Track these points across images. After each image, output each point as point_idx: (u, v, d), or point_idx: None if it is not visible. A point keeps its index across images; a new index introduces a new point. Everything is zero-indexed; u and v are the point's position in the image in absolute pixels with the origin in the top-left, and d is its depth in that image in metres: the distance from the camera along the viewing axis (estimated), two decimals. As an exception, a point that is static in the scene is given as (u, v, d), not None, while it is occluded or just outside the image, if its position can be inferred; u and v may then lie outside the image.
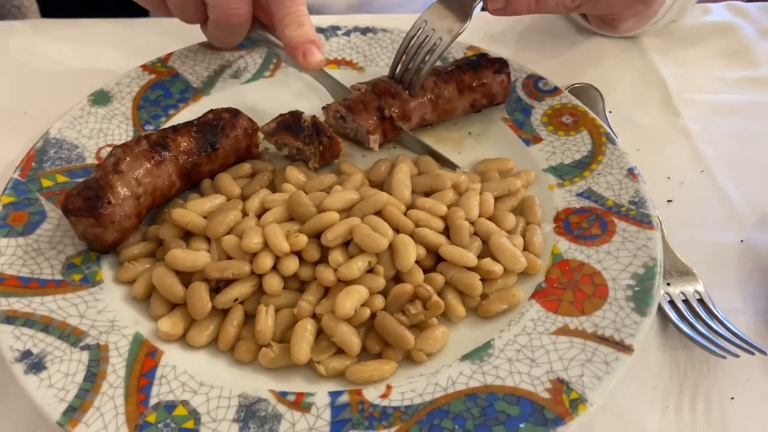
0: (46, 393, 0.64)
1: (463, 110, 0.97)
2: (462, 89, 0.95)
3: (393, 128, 0.90)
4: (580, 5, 0.91)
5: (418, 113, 0.94)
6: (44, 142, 0.89)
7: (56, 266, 0.76)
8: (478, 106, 0.97)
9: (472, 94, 0.95)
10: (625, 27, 1.03)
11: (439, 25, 0.91)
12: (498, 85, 0.96)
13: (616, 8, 0.97)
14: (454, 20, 0.90)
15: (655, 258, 0.77)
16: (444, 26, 0.91)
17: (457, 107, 0.96)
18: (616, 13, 0.99)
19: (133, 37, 1.17)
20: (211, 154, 0.85)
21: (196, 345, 0.71)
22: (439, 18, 0.91)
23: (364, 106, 0.90)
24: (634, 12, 0.98)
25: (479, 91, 0.96)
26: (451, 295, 0.75)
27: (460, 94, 0.95)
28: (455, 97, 0.95)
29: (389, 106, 0.92)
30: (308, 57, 0.87)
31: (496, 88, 0.96)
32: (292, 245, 0.74)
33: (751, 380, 0.74)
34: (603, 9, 0.97)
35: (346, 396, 0.67)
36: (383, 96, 0.92)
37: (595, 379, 0.67)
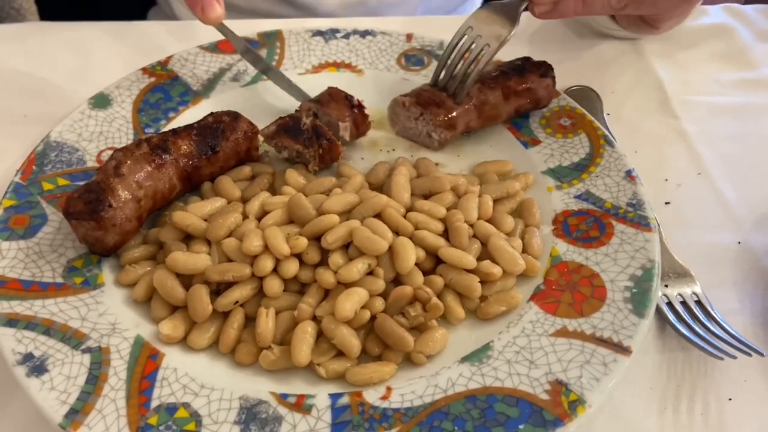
0: (48, 396, 0.64)
1: (507, 116, 0.96)
2: (508, 95, 0.93)
3: (363, 117, 0.90)
4: (627, 5, 0.91)
5: (463, 120, 0.93)
6: (45, 146, 0.89)
7: (57, 269, 0.76)
8: (522, 111, 0.97)
9: (518, 99, 0.94)
10: (666, 26, 1.03)
11: (486, 31, 0.90)
12: (544, 89, 0.96)
13: (662, 8, 0.97)
14: (501, 26, 0.90)
15: (653, 260, 0.78)
16: (491, 32, 0.90)
17: (502, 113, 0.95)
18: (661, 13, 0.99)
19: (131, 40, 1.17)
20: (211, 157, 0.86)
21: (197, 347, 0.72)
22: (485, 24, 0.90)
23: (332, 98, 0.90)
24: (680, 11, 0.98)
25: (525, 96, 0.95)
26: (451, 297, 0.76)
27: (505, 99, 0.93)
28: (501, 103, 0.93)
29: (435, 115, 0.91)
30: (207, 11, 0.86)
31: (541, 92, 0.96)
32: (293, 248, 0.75)
33: (748, 381, 0.75)
34: (648, 9, 0.97)
35: (346, 398, 0.67)
36: (428, 106, 0.91)
37: (593, 381, 0.67)
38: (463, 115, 0.92)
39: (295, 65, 1.06)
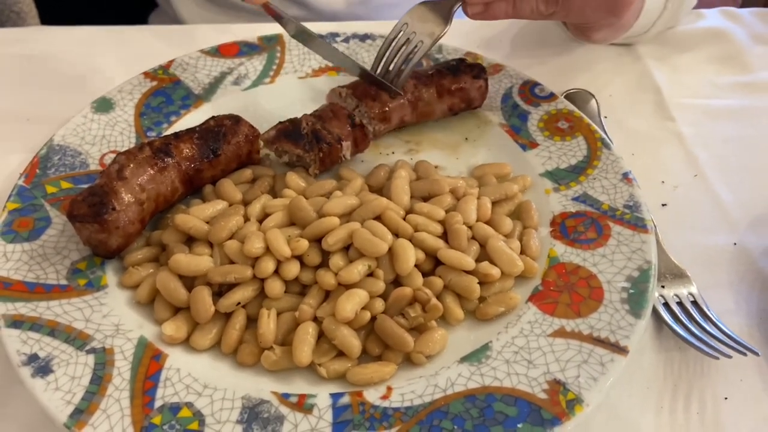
0: (53, 396, 0.65)
1: (441, 113, 0.99)
2: (441, 93, 0.97)
3: (364, 135, 0.92)
4: (554, 13, 0.93)
5: (397, 115, 0.96)
6: (48, 149, 0.90)
7: (61, 271, 0.77)
8: (455, 110, 1.00)
9: (451, 98, 0.98)
10: (598, 37, 1.05)
11: (420, 28, 0.92)
12: (476, 90, 0.99)
13: (589, 18, 0.99)
14: (434, 24, 0.92)
15: (649, 261, 0.79)
16: (425, 29, 0.92)
17: (436, 110, 0.98)
18: (589, 23, 1.02)
19: (133, 44, 1.18)
20: (213, 160, 0.87)
21: (199, 348, 0.73)
22: (420, 21, 0.92)
23: (335, 114, 0.91)
24: (607, 23, 1.00)
25: (458, 96, 0.98)
26: (450, 298, 0.77)
27: (439, 97, 0.97)
28: (434, 100, 0.97)
29: (370, 108, 0.94)
30: None
31: (474, 93, 0.99)
32: (294, 250, 0.76)
33: (744, 381, 0.76)
34: (575, 18, 1.00)
35: (347, 397, 0.68)
36: (363, 98, 0.94)
37: (591, 380, 0.68)
38: (397, 109, 0.96)
39: (296, 69, 1.07)
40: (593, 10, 0.96)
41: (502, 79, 1.05)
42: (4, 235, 0.79)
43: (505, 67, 1.06)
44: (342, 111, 0.91)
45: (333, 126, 0.90)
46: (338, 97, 0.96)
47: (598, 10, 0.96)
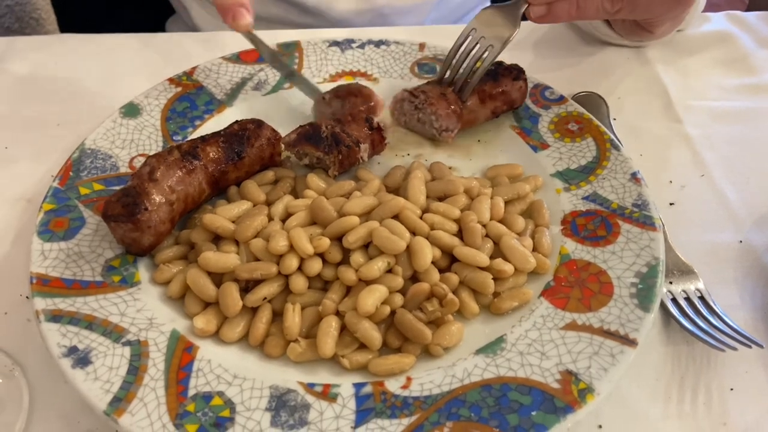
0: (92, 385, 0.69)
1: (485, 118, 1.02)
2: (484, 99, 0.99)
3: (381, 138, 0.94)
4: (620, 10, 0.94)
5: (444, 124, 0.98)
6: (80, 153, 0.94)
7: (96, 268, 0.81)
8: (498, 113, 1.02)
9: (494, 102, 1.00)
10: (661, 31, 1.05)
11: (489, 33, 0.95)
12: (517, 91, 1.01)
13: (656, 12, 0.99)
14: (503, 27, 0.94)
15: (657, 257, 0.82)
16: (493, 33, 0.95)
17: (480, 116, 1.01)
18: (655, 17, 1.02)
19: (154, 52, 1.22)
20: (237, 163, 0.91)
21: (228, 341, 0.76)
22: (488, 26, 0.95)
23: (353, 118, 0.94)
24: (673, 15, 1.01)
25: (500, 99, 1.00)
26: (465, 294, 0.80)
27: (482, 103, 0.99)
28: (478, 106, 0.99)
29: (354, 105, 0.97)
30: (237, 18, 0.91)
31: (515, 95, 1.01)
32: (316, 247, 0.79)
33: (749, 372, 0.79)
34: (642, 13, 1.00)
35: (369, 387, 0.72)
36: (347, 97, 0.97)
37: (601, 371, 0.71)
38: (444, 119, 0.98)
39: (314, 74, 1.11)
40: (660, 4, 0.97)
41: (513, 83, 1.08)
42: (41, 235, 0.83)
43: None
44: (360, 114, 0.94)
45: (352, 129, 0.93)
46: (324, 104, 0.99)
47: (666, 3, 0.97)
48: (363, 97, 0.96)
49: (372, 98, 0.96)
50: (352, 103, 0.95)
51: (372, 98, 0.96)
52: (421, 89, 0.99)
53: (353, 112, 0.95)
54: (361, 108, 0.95)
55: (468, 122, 1.01)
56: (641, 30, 1.07)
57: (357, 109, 0.96)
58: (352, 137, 0.92)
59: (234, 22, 0.91)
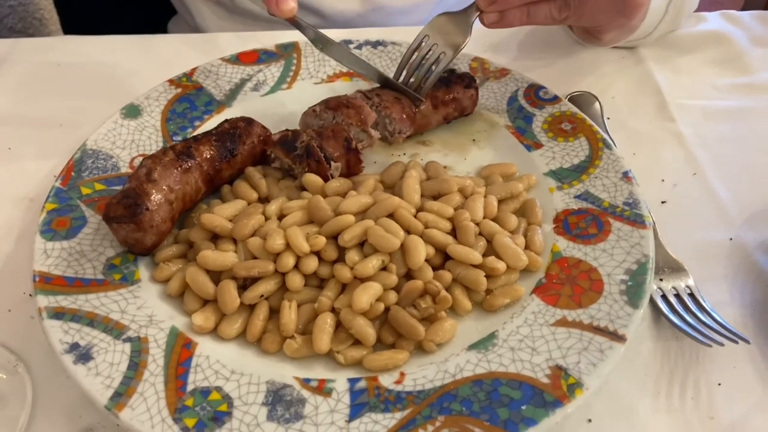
0: (94, 381, 0.71)
1: (436, 123, 1.04)
2: (436, 105, 1.02)
3: (357, 160, 0.95)
4: (567, 17, 0.97)
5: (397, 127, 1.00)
6: (82, 153, 0.96)
7: (98, 267, 0.83)
8: (450, 119, 1.05)
9: (446, 108, 1.03)
10: (608, 38, 1.09)
11: (441, 40, 0.98)
12: (468, 99, 1.04)
13: (600, 21, 1.03)
14: (455, 35, 0.97)
15: (647, 255, 0.83)
16: (447, 41, 0.97)
17: (432, 121, 1.03)
18: (600, 26, 1.06)
19: (156, 52, 1.24)
20: (230, 160, 0.92)
21: (226, 337, 0.78)
22: (440, 33, 0.98)
23: (334, 135, 0.94)
24: (617, 24, 1.04)
25: (451, 106, 1.03)
26: (458, 291, 0.82)
27: (434, 109, 1.02)
28: (430, 112, 1.02)
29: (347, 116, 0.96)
30: (281, 4, 0.92)
31: (466, 102, 1.04)
32: (312, 246, 0.81)
33: (737, 368, 0.80)
34: (587, 21, 1.04)
35: (363, 382, 0.73)
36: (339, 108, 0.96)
37: (590, 366, 0.73)
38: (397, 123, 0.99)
39: (311, 75, 1.12)
40: (604, 13, 1.00)
41: (508, 83, 1.10)
42: (44, 234, 0.85)
43: (511, 72, 1.11)
44: (342, 133, 0.94)
45: (329, 145, 0.93)
46: (313, 116, 0.99)
47: (609, 13, 1.00)
48: (354, 108, 0.96)
49: (363, 110, 0.97)
50: (344, 114, 0.96)
51: (363, 110, 0.97)
52: (376, 92, 1.00)
53: (336, 128, 0.95)
54: (350, 122, 0.96)
55: (420, 126, 1.03)
56: (591, 36, 1.10)
57: (343, 125, 0.96)
58: (326, 153, 0.92)
59: (278, 8, 0.92)
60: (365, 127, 0.97)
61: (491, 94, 1.09)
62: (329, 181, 0.92)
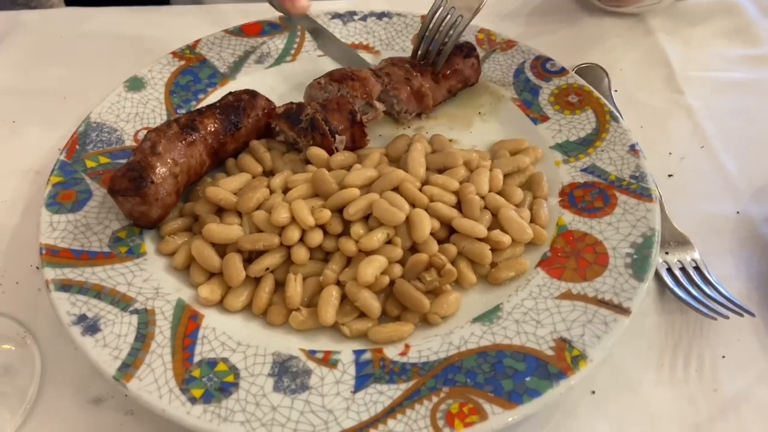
0: (101, 352, 0.72)
1: (441, 98, 1.03)
2: (438, 80, 1.01)
3: (362, 134, 0.94)
4: None
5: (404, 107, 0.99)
6: (86, 126, 0.96)
7: (104, 240, 0.83)
8: (454, 92, 1.04)
9: (448, 81, 1.02)
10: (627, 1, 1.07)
11: (459, 3, 0.96)
12: (470, 69, 1.03)
13: None
14: None
15: (653, 228, 0.83)
16: (463, 3, 0.96)
17: (437, 96, 1.02)
18: None
19: (158, 25, 1.23)
20: (235, 133, 0.92)
21: (232, 309, 0.79)
22: None
23: (339, 107, 0.93)
24: None
25: (454, 78, 1.02)
26: (463, 264, 0.82)
27: (437, 84, 1.01)
28: (433, 88, 1.00)
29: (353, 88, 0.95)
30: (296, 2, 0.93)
31: (468, 72, 1.03)
32: (317, 219, 0.81)
33: (741, 340, 0.80)
34: None
35: (368, 354, 0.74)
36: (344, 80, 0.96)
37: (594, 338, 0.73)
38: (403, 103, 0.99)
39: (316, 47, 1.11)
40: None
41: (514, 55, 1.09)
42: (49, 207, 0.85)
43: (518, 44, 1.10)
44: (347, 106, 0.93)
45: (333, 118, 0.92)
46: (317, 89, 0.98)
47: None
48: (360, 80, 0.96)
49: (368, 83, 0.96)
50: (348, 86, 0.95)
51: (368, 83, 0.96)
52: (386, 71, 0.99)
53: (341, 100, 0.94)
54: (355, 94, 0.95)
55: (426, 105, 1.01)
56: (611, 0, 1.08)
57: (348, 97, 0.95)
58: (331, 126, 0.92)
59: (292, 5, 0.93)
60: (370, 99, 0.96)
61: (497, 66, 1.08)
62: (334, 155, 0.91)
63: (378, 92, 0.96)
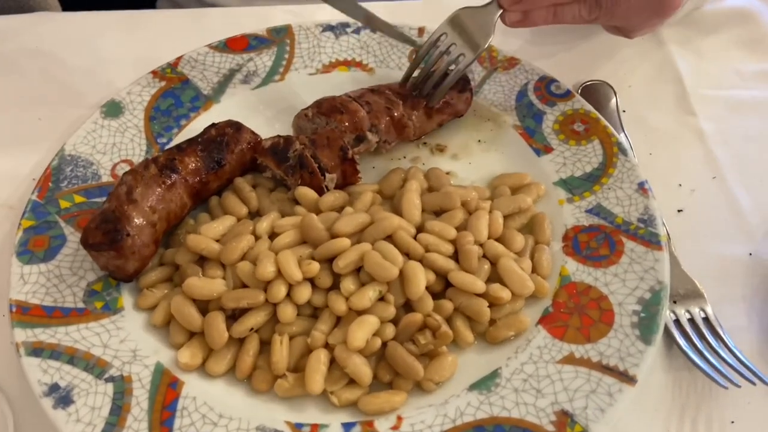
0: (74, 428, 0.68)
1: (431, 130, 0.97)
2: (430, 114, 0.94)
3: (354, 171, 0.88)
4: (597, 18, 0.90)
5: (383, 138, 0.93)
6: (60, 160, 0.90)
7: (78, 293, 0.78)
8: (443, 123, 0.98)
9: (440, 115, 0.96)
10: (636, 35, 1.01)
11: (460, 40, 0.90)
12: (463, 103, 0.97)
13: (633, 21, 0.95)
14: (477, 35, 0.89)
15: (662, 281, 0.78)
16: (466, 41, 0.89)
17: (426, 129, 0.96)
18: (633, 26, 0.97)
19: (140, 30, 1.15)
20: (218, 171, 0.86)
21: (214, 374, 0.74)
22: (459, 33, 0.90)
23: (329, 143, 0.87)
24: (651, 24, 0.96)
25: (446, 112, 0.96)
26: (460, 321, 0.77)
27: (428, 118, 0.95)
28: (424, 122, 0.94)
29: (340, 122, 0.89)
30: None
31: (461, 106, 0.97)
32: (305, 273, 0.76)
33: (751, 404, 0.76)
34: (619, 21, 0.95)
35: (358, 428, 0.70)
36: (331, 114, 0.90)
37: (598, 411, 0.69)
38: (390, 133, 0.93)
39: (306, 65, 1.04)
40: (638, 14, 0.92)
41: (517, 75, 1.02)
42: (20, 256, 0.80)
43: (521, 62, 1.03)
44: (337, 142, 0.87)
45: (323, 154, 0.86)
46: (305, 120, 0.92)
47: (644, 13, 0.92)
48: (348, 113, 0.89)
49: (357, 115, 0.89)
50: (336, 120, 0.89)
51: (357, 115, 0.89)
52: (366, 99, 0.92)
53: (331, 135, 0.88)
54: (345, 125, 0.89)
55: (412, 135, 0.95)
56: (619, 32, 1.01)
57: (338, 130, 0.88)
58: (321, 164, 0.86)
59: None
60: (361, 133, 0.90)
61: (499, 88, 1.01)
62: (324, 195, 0.86)
63: (368, 124, 0.90)
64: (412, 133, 0.95)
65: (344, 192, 0.87)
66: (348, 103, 0.90)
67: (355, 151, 0.90)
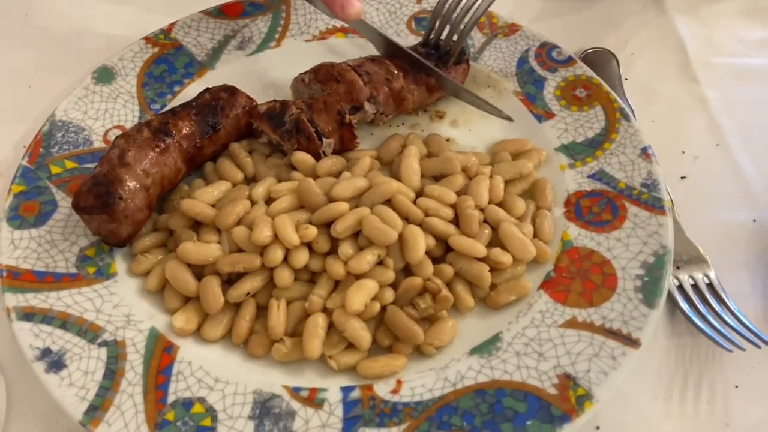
0: (67, 392, 0.66)
1: (429, 104, 0.95)
2: (431, 89, 0.92)
3: (351, 136, 0.86)
4: None
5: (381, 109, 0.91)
6: (51, 125, 0.88)
7: (70, 259, 0.77)
8: (443, 97, 0.96)
9: (440, 91, 0.94)
10: None
11: None
12: (461, 75, 0.95)
13: None
14: None
15: (665, 246, 0.77)
16: None
17: (425, 103, 0.94)
18: None
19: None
20: (213, 136, 0.85)
21: (210, 339, 0.73)
22: None
23: (326, 107, 0.85)
24: None
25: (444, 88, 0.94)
26: (461, 286, 0.76)
27: (429, 93, 0.93)
28: (424, 96, 0.92)
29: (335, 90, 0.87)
30: (346, 8, 0.84)
31: (459, 78, 0.94)
32: (302, 237, 0.74)
33: (756, 369, 0.75)
34: None
35: (357, 391, 0.68)
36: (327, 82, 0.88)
37: (601, 375, 0.68)
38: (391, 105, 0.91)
39: (302, 31, 1.02)
40: None
41: (518, 41, 1.00)
42: (11, 221, 0.78)
43: (522, 28, 1.01)
44: (335, 106, 0.85)
45: (320, 119, 0.84)
46: (302, 85, 0.90)
47: None
48: (345, 83, 0.87)
49: (354, 87, 0.87)
50: (332, 89, 0.87)
51: (354, 87, 0.87)
52: (366, 69, 0.89)
53: (329, 99, 0.85)
54: (341, 93, 0.87)
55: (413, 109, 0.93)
56: None
57: (335, 96, 0.86)
58: (318, 129, 0.84)
59: (343, 12, 0.83)
60: (358, 104, 0.88)
61: (499, 54, 0.99)
62: (321, 160, 0.84)
63: (366, 95, 0.88)
64: (411, 107, 0.93)
65: (342, 157, 0.85)
66: (346, 71, 0.88)
67: (353, 118, 0.88)
